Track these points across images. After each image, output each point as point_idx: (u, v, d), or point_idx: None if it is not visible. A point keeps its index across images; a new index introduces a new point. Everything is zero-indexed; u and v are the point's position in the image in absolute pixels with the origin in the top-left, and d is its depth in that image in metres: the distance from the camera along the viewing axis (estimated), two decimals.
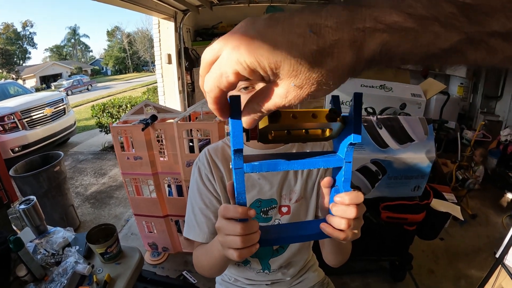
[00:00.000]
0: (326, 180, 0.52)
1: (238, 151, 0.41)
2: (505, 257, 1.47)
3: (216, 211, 0.86)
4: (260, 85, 0.71)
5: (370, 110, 1.61)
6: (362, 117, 1.51)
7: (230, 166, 0.58)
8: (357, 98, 0.42)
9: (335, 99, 0.45)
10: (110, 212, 3.45)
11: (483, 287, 1.52)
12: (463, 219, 1.99)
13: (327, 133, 0.44)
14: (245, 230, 0.47)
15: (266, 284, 1.02)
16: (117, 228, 3.07)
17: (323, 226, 0.50)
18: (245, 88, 0.73)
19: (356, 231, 0.50)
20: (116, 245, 1.34)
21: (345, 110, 1.73)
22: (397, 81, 1.75)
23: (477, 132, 3.60)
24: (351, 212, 0.47)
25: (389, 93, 1.61)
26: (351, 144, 0.44)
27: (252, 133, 0.41)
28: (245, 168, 0.43)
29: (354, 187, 0.50)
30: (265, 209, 0.90)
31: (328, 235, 0.49)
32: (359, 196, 0.48)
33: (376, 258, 2.13)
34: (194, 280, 2.06)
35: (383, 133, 1.51)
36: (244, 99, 0.42)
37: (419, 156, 1.54)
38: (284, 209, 0.90)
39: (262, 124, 0.40)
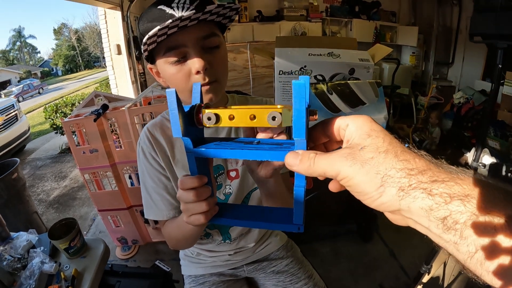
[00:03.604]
0: None
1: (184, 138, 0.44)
2: None
3: (167, 187, 0.86)
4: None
5: (319, 77, 1.64)
6: (312, 83, 1.53)
7: (173, 138, 0.55)
8: (297, 88, 0.36)
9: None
10: (75, 214, 3.33)
11: None
12: None
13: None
14: (198, 195, 0.49)
15: (229, 254, 1.02)
16: (85, 228, 2.99)
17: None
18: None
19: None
20: (79, 238, 1.31)
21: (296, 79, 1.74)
22: (345, 48, 1.78)
23: (429, 95, 3.78)
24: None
25: (337, 59, 1.64)
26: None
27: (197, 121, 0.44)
28: (195, 153, 0.45)
29: None
30: None
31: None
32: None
33: (342, 221, 2.22)
34: (168, 268, 2.04)
35: (334, 98, 1.54)
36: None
37: (372, 117, 1.59)
38: (233, 174, 0.90)
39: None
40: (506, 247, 0.25)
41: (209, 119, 0.42)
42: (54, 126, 5.50)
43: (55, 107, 5.55)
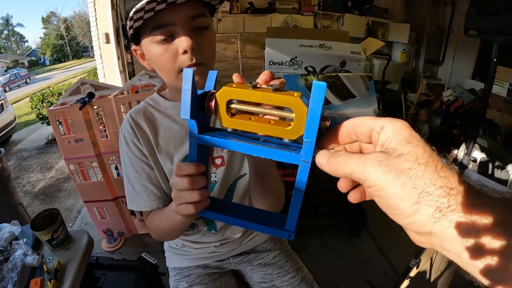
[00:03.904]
0: None
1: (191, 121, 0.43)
2: None
3: (150, 177, 0.83)
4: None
5: (310, 69, 1.62)
6: (302, 74, 1.52)
7: (157, 124, 0.52)
8: (316, 89, 0.35)
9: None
10: (60, 206, 3.26)
11: None
12: None
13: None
14: (192, 182, 0.48)
15: (215, 246, 1.00)
16: (70, 220, 2.94)
17: None
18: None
19: None
20: (62, 230, 1.27)
21: (285, 70, 1.73)
22: (337, 41, 1.77)
23: (419, 91, 3.80)
24: None
25: (329, 51, 1.63)
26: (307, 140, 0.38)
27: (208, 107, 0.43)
28: (199, 139, 0.44)
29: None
30: None
31: None
32: None
33: (330, 216, 2.22)
34: (154, 261, 2.02)
35: None
36: None
37: (362, 111, 1.58)
38: (218, 161, 0.88)
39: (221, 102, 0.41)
40: None
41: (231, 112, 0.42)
42: (41, 116, 5.39)
43: (41, 96, 5.43)
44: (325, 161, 0.35)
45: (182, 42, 0.66)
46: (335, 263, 2.11)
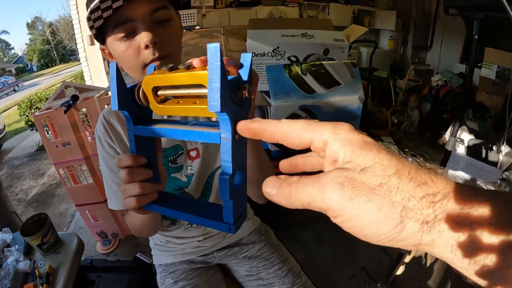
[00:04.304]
0: None
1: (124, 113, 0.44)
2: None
3: None
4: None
5: (293, 58, 1.61)
6: (286, 64, 1.51)
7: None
8: (211, 52, 0.31)
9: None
10: (54, 212, 3.25)
11: None
12: None
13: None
14: (130, 174, 0.47)
15: (198, 240, 0.99)
16: (64, 225, 2.92)
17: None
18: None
19: None
20: (52, 234, 1.28)
21: (268, 61, 1.71)
22: (321, 29, 1.76)
23: (407, 77, 3.81)
24: None
25: (311, 40, 1.62)
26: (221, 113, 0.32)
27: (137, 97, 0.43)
28: (134, 130, 0.45)
29: None
30: (172, 158, 0.85)
31: None
32: None
33: None
34: (149, 260, 2.01)
35: (309, 79, 1.52)
36: None
37: (348, 98, 1.57)
38: (193, 153, 0.87)
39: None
40: None
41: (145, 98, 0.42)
42: (30, 123, 5.36)
43: (29, 103, 5.40)
44: (275, 191, 0.29)
45: (143, 37, 0.65)
46: (330, 253, 2.12)
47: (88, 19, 0.63)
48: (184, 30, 2.88)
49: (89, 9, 0.60)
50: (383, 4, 5.37)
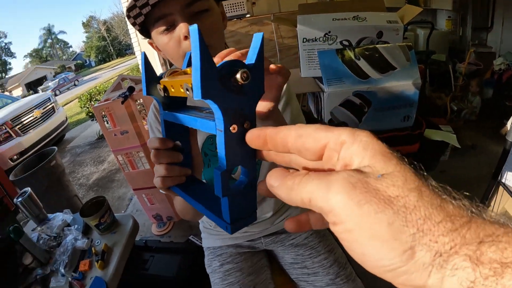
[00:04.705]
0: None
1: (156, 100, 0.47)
2: (505, 176, 1.45)
3: None
4: None
5: (345, 43, 1.56)
6: (338, 49, 1.47)
7: None
8: (192, 33, 0.28)
9: None
10: (113, 195, 3.49)
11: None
12: (459, 147, 1.92)
13: None
14: (157, 156, 0.49)
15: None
16: (122, 208, 3.14)
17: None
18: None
19: None
20: (109, 215, 1.38)
21: (320, 46, 1.68)
22: (372, 10, 1.69)
23: (467, 61, 3.52)
24: None
25: (364, 23, 1.55)
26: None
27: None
28: (163, 115, 0.47)
29: (341, 123, 0.46)
30: None
31: None
32: None
33: None
34: (200, 243, 2.10)
35: (362, 64, 1.47)
36: None
37: (403, 83, 1.50)
38: None
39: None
40: None
41: (164, 89, 0.44)
42: (90, 114, 5.76)
43: (89, 95, 5.79)
44: (277, 183, 0.26)
45: (181, 29, 0.67)
46: None
47: (128, 17, 0.67)
48: (235, 19, 2.90)
49: (126, 9, 0.65)
50: None
